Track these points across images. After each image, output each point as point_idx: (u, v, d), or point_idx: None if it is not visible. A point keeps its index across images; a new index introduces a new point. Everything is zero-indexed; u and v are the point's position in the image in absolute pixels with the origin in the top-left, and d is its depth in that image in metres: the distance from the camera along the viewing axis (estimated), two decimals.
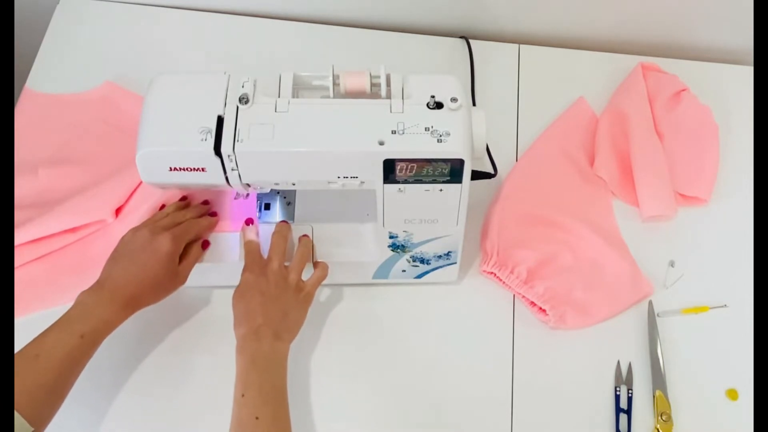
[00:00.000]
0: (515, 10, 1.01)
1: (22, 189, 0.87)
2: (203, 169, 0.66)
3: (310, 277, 0.77)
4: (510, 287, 0.84)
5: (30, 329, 0.67)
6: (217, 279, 0.80)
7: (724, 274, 0.87)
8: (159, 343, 0.81)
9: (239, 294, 0.73)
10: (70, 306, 0.70)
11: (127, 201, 0.86)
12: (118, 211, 0.86)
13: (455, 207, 0.72)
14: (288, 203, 0.81)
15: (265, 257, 0.76)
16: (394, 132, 0.65)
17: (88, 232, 0.85)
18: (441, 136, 0.65)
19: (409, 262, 0.80)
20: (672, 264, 0.88)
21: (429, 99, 0.66)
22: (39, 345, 0.66)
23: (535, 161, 0.93)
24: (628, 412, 0.79)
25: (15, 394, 0.61)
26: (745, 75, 1.01)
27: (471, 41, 1.02)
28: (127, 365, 0.80)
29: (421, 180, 0.68)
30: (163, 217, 0.77)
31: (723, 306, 0.85)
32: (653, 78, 0.98)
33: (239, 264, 0.75)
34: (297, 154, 0.65)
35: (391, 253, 0.79)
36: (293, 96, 0.68)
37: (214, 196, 0.82)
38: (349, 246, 0.80)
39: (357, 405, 0.79)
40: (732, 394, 0.80)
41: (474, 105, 0.97)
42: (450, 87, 0.67)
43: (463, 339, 0.83)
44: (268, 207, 0.81)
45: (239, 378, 0.69)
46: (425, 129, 0.65)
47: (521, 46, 1.03)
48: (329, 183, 0.68)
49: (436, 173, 0.67)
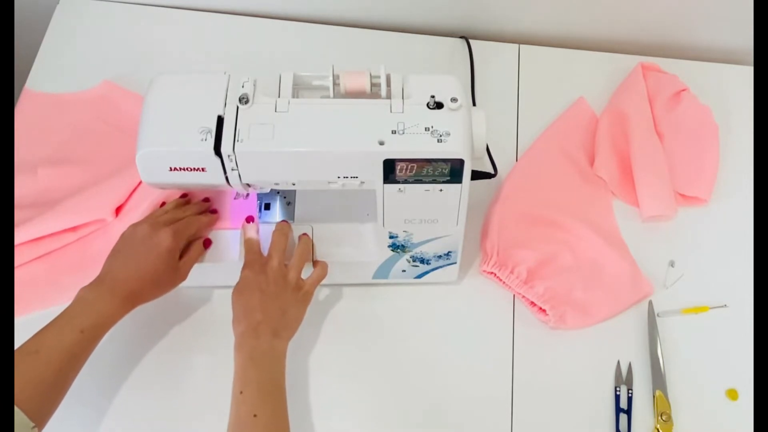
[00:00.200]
0: (515, 10, 1.01)
1: (21, 189, 0.87)
2: (203, 169, 0.66)
3: (309, 276, 0.77)
4: (510, 287, 0.84)
5: (30, 329, 0.67)
6: (217, 279, 0.80)
7: (724, 274, 0.87)
8: (159, 343, 0.81)
9: (238, 291, 0.73)
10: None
11: (127, 200, 0.86)
12: (118, 210, 0.86)
13: (455, 207, 0.72)
14: (288, 203, 0.81)
15: (265, 255, 0.76)
16: (394, 132, 0.65)
17: (88, 231, 0.85)
18: (441, 136, 0.65)
19: (409, 262, 0.80)
20: (672, 264, 0.88)
21: (429, 99, 0.66)
22: (39, 340, 0.66)
23: (535, 161, 0.93)
24: (628, 412, 0.79)
25: (15, 389, 0.61)
26: (745, 75, 1.01)
27: (471, 41, 1.02)
28: (127, 364, 0.80)
29: (421, 180, 0.68)
30: (164, 214, 0.77)
31: (723, 306, 0.85)
32: (653, 78, 0.98)
33: (239, 263, 0.75)
34: (297, 154, 0.65)
35: (391, 253, 0.79)
36: (293, 96, 0.68)
37: (214, 196, 0.82)
38: (349, 246, 0.80)
39: (357, 405, 0.79)
40: (732, 394, 0.80)
41: (474, 105, 0.97)
42: (450, 87, 0.67)
43: (463, 339, 0.83)
44: (268, 207, 0.81)
45: (237, 375, 0.69)
46: (425, 129, 0.65)
47: (521, 46, 1.03)
48: (329, 183, 0.68)
49: (436, 173, 0.67)
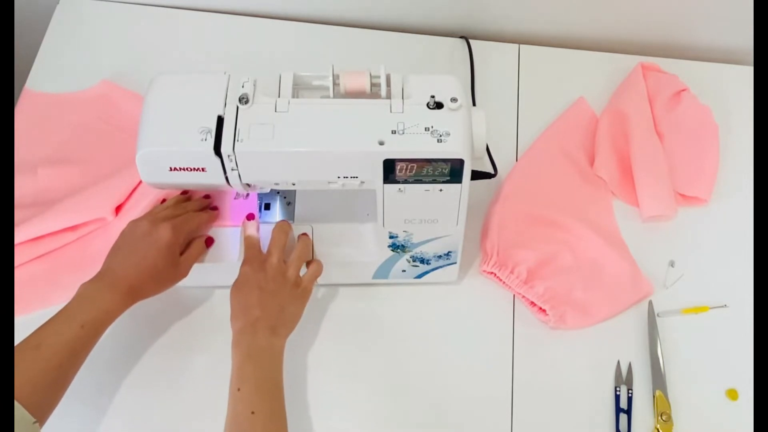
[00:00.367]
0: (515, 10, 1.01)
1: (21, 188, 0.87)
2: (203, 169, 0.66)
3: (305, 273, 0.77)
4: (510, 287, 0.84)
5: (30, 328, 0.67)
6: (217, 278, 0.80)
7: (724, 274, 0.87)
8: (159, 342, 0.81)
9: (237, 287, 0.73)
10: None
11: (128, 199, 0.86)
12: (118, 210, 0.86)
13: (455, 207, 0.72)
14: (288, 203, 0.81)
15: (265, 252, 0.76)
16: (394, 132, 0.65)
17: (88, 230, 0.85)
18: (441, 136, 0.65)
19: (409, 262, 0.80)
20: (672, 264, 0.88)
21: (429, 99, 0.66)
22: (40, 335, 0.66)
23: (535, 161, 0.93)
24: (628, 412, 0.79)
25: (16, 384, 0.61)
26: (745, 75, 1.01)
27: (471, 41, 1.02)
28: (127, 363, 0.80)
29: (421, 180, 0.68)
30: (164, 210, 0.77)
31: (723, 306, 0.85)
32: (653, 78, 0.98)
33: (239, 264, 0.75)
34: (297, 154, 0.65)
35: (391, 253, 0.79)
36: (293, 96, 0.68)
37: (214, 195, 0.82)
38: (349, 246, 0.80)
39: (357, 405, 0.79)
40: (732, 394, 0.80)
41: (474, 105, 0.97)
42: (450, 87, 0.67)
43: (463, 339, 0.83)
44: (268, 207, 0.81)
45: (235, 372, 0.69)
46: (425, 129, 0.65)
47: (521, 46, 1.03)
48: (329, 183, 0.68)
49: (436, 173, 0.67)
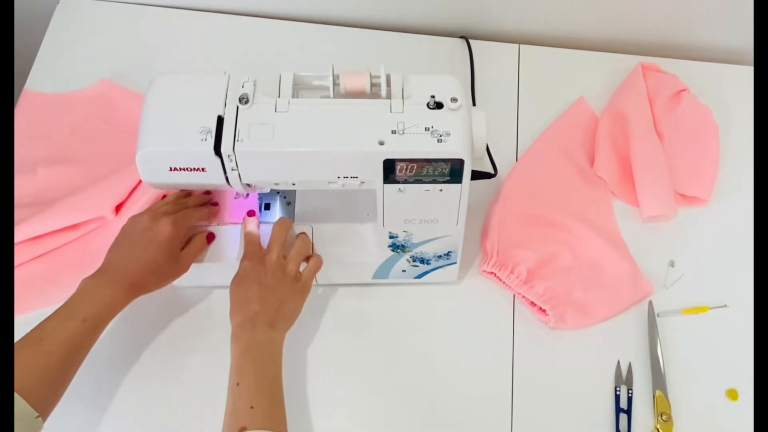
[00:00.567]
0: (515, 10, 1.01)
1: (21, 188, 0.87)
2: (203, 169, 0.66)
3: (305, 268, 0.77)
4: (510, 287, 0.84)
5: (31, 327, 0.67)
6: (216, 278, 0.80)
7: (724, 274, 0.87)
8: (158, 342, 0.81)
9: (236, 282, 0.74)
10: None
11: (128, 198, 0.86)
12: (118, 209, 0.86)
13: (455, 207, 0.72)
14: (288, 203, 0.81)
15: (265, 248, 0.76)
16: (394, 132, 0.65)
17: (88, 229, 0.85)
18: (441, 136, 0.65)
19: (409, 262, 0.80)
20: (672, 264, 0.88)
21: (429, 99, 0.66)
22: (42, 330, 0.66)
23: (535, 161, 0.93)
24: (628, 412, 0.79)
25: (19, 378, 0.61)
26: (745, 75, 1.01)
27: (471, 41, 1.02)
28: (127, 363, 0.80)
29: (421, 180, 0.68)
30: (164, 205, 0.78)
31: (723, 306, 0.85)
32: (653, 78, 0.98)
33: (238, 264, 0.75)
34: (297, 154, 0.65)
35: (391, 253, 0.79)
36: (293, 96, 0.68)
37: (214, 194, 0.82)
38: (349, 246, 0.80)
39: (357, 405, 0.79)
40: (732, 394, 0.80)
41: (474, 105, 0.97)
42: (450, 87, 0.67)
43: (463, 339, 0.83)
44: (268, 207, 0.81)
45: (234, 367, 0.69)
46: (425, 129, 0.65)
47: (521, 46, 1.03)
48: (329, 183, 0.68)
49: (436, 173, 0.67)
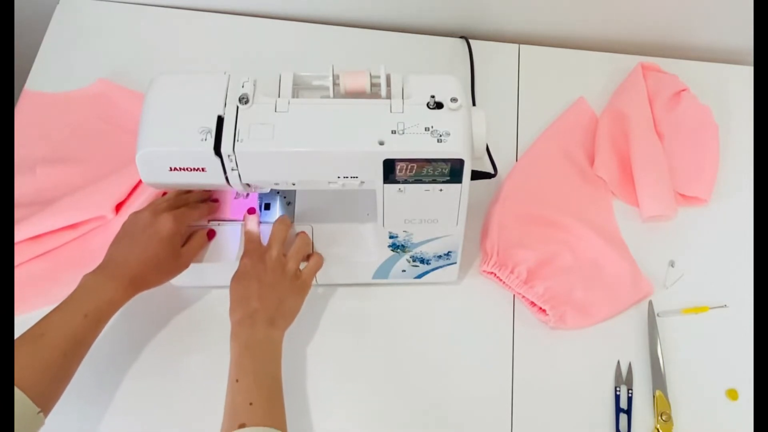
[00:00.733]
0: (515, 10, 1.01)
1: (20, 188, 0.87)
2: (203, 169, 0.66)
3: (305, 266, 0.77)
4: (510, 287, 0.84)
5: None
6: (216, 279, 0.80)
7: (724, 274, 0.87)
8: (158, 342, 0.81)
9: (236, 279, 0.74)
10: None
11: (128, 197, 0.86)
12: (118, 208, 0.86)
13: (455, 207, 0.72)
14: (288, 203, 0.81)
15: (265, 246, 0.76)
16: (394, 132, 0.65)
17: (88, 228, 0.85)
18: (441, 136, 0.65)
19: (409, 262, 0.80)
20: (672, 264, 0.88)
21: (429, 99, 0.66)
22: (43, 325, 0.66)
23: (535, 161, 0.93)
24: (628, 412, 0.79)
25: (20, 373, 0.61)
26: (745, 75, 1.01)
27: (471, 41, 1.02)
28: (127, 362, 0.80)
29: (421, 180, 0.68)
30: (165, 201, 0.78)
31: (723, 306, 0.85)
32: (653, 78, 0.98)
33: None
34: (297, 154, 0.65)
35: (391, 253, 0.79)
36: (293, 96, 0.68)
37: (214, 192, 0.82)
38: (349, 246, 0.80)
39: (357, 405, 0.79)
40: (732, 394, 0.80)
41: (474, 105, 0.97)
42: (450, 87, 0.67)
43: (463, 339, 0.83)
44: (268, 207, 0.81)
45: (233, 364, 0.69)
46: (425, 129, 0.65)
47: (521, 46, 1.03)
48: (329, 183, 0.68)
49: (436, 173, 0.67)
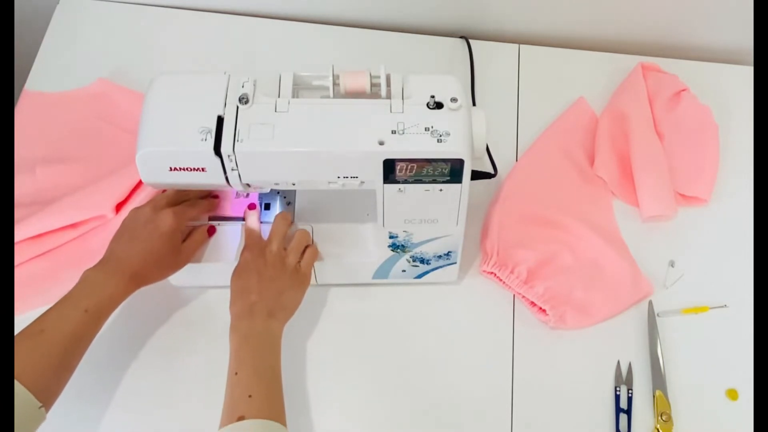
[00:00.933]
0: (515, 10, 1.01)
1: (20, 188, 0.87)
2: (203, 169, 0.66)
3: (302, 260, 0.77)
4: (510, 287, 0.84)
5: None
6: (215, 279, 0.80)
7: (724, 274, 0.87)
8: (157, 342, 0.81)
9: (237, 273, 0.74)
10: None
11: (128, 197, 0.86)
12: (118, 208, 0.86)
13: (455, 207, 0.72)
14: (288, 203, 0.81)
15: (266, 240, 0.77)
16: (394, 132, 0.65)
17: (88, 228, 0.85)
18: (441, 136, 0.65)
19: (409, 262, 0.80)
20: (672, 264, 0.88)
21: (429, 99, 0.66)
22: (44, 321, 0.66)
23: (535, 161, 0.93)
24: (628, 412, 0.79)
25: (21, 368, 0.61)
26: (745, 75, 1.01)
27: (471, 41, 1.02)
28: (126, 361, 0.80)
29: (421, 180, 0.68)
30: (165, 197, 0.78)
31: (723, 306, 0.85)
32: (653, 78, 0.98)
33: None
34: (297, 154, 0.65)
35: (391, 253, 0.79)
36: (293, 96, 0.68)
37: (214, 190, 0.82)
38: (349, 246, 0.80)
39: (357, 405, 0.79)
40: (732, 394, 0.80)
41: (474, 105, 0.97)
42: (450, 87, 0.67)
43: (463, 339, 0.83)
44: (268, 207, 0.81)
45: (232, 356, 0.69)
46: (425, 129, 0.65)
47: (521, 46, 1.03)
48: (329, 183, 0.68)
49: (436, 173, 0.67)
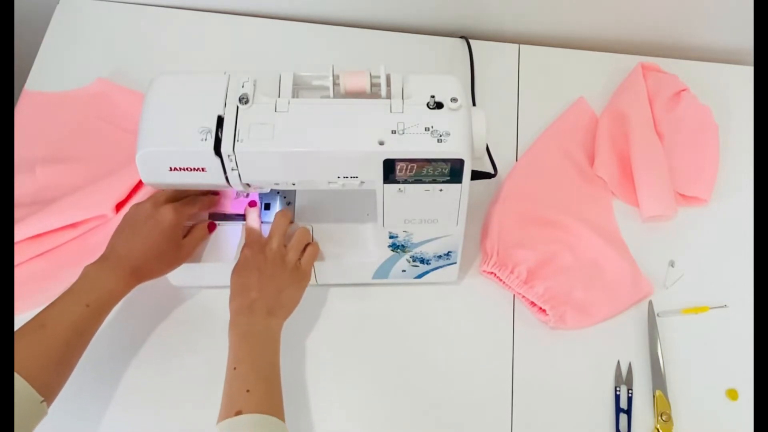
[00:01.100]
0: (515, 10, 1.01)
1: (20, 187, 0.87)
2: (203, 169, 0.66)
3: (303, 258, 0.77)
4: (510, 287, 0.84)
5: None
6: (215, 279, 0.80)
7: (724, 274, 0.87)
8: (157, 342, 0.81)
9: (237, 270, 0.74)
10: None
11: (128, 197, 0.86)
12: (118, 207, 0.86)
13: (455, 207, 0.72)
14: (288, 203, 0.81)
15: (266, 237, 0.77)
16: (394, 132, 0.65)
17: (88, 227, 0.85)
18: (441, 136, 0.65)
19: (409, 262, 0.80)
20: (672, 264, 0.88)
21: (429, 99, 0.66)
22: (45, 316, 0.67)
23: (535, 161, 0.93)
24: (628, 412, 0.79)
25: (22, 363, 0.61)
26: (745, 75, 1.01)
27: (471, 41, 1.02)
28: (125, 360, 0.80)
29: (421, 180, 0.68)
30: (166, 193, 0.78)
31: (723, 306, 0.85)
32: (653, 78, 0.98)
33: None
34: (297, 154, 0.65)
35: (391, 253, 0.79)
36: (293, 96, 0.68)
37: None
38: (349, 246, 0.80)
39: (357, 405, 0.79)
40: (732, 394, 0.80)
41: (474, 105, 0.97)
42: (450, 87, 0.67)
43: (463, 339, 0.83)
44: (268, 207, 0.81)
45: (231, 351, 0.69)
46: (425, 129, 0.65)
47: (521, 46, 1.03)
48: (329, 183, 0.68)
49: (436, 173, 0.67)
